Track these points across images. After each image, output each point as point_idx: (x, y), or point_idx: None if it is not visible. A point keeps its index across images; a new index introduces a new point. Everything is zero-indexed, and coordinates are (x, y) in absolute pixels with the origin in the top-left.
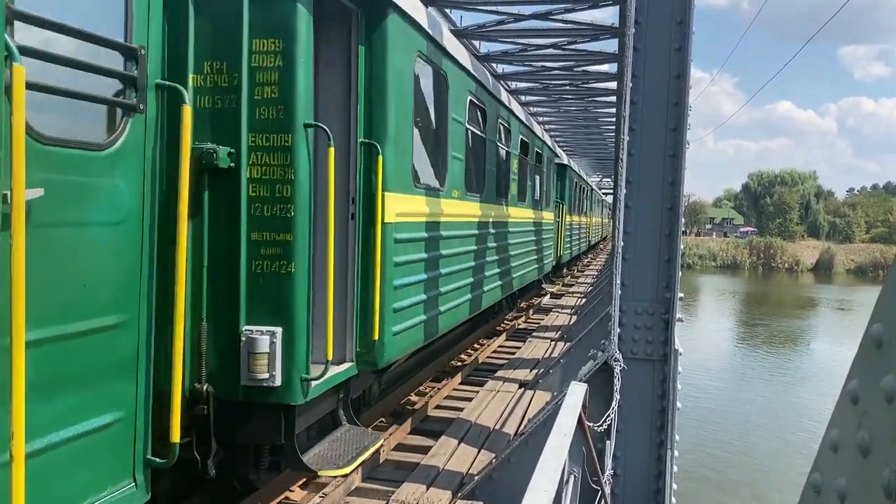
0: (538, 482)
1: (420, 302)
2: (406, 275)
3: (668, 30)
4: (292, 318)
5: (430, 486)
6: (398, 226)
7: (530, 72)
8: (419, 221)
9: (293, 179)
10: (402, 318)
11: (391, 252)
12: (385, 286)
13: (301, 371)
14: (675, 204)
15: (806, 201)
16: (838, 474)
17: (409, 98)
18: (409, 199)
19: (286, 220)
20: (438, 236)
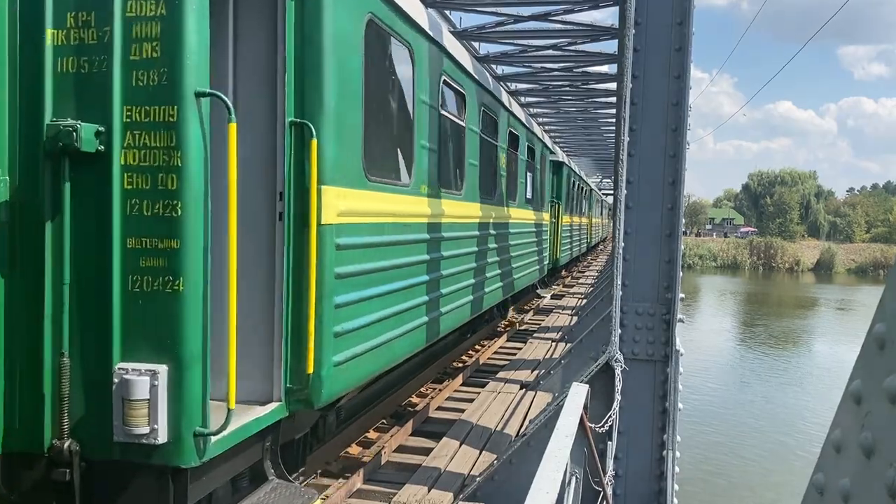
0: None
1: (374, 322)
2: (354, 289)
3: (668, 30)
4: (181, 352)
5: (431, 488)
6: (342, 228)
7: (530, 73)
8: (373, 223)
9: (180, 167)
10: (349, 343)
11: (332, 261)
12: (323, 304)
13: (194, 422)
14: (675, 204)
15: (806, 201)
16: (842, 475)
17: (357, 70)
18: (357, 194)
19: (172, 222)
20: (401, 241)
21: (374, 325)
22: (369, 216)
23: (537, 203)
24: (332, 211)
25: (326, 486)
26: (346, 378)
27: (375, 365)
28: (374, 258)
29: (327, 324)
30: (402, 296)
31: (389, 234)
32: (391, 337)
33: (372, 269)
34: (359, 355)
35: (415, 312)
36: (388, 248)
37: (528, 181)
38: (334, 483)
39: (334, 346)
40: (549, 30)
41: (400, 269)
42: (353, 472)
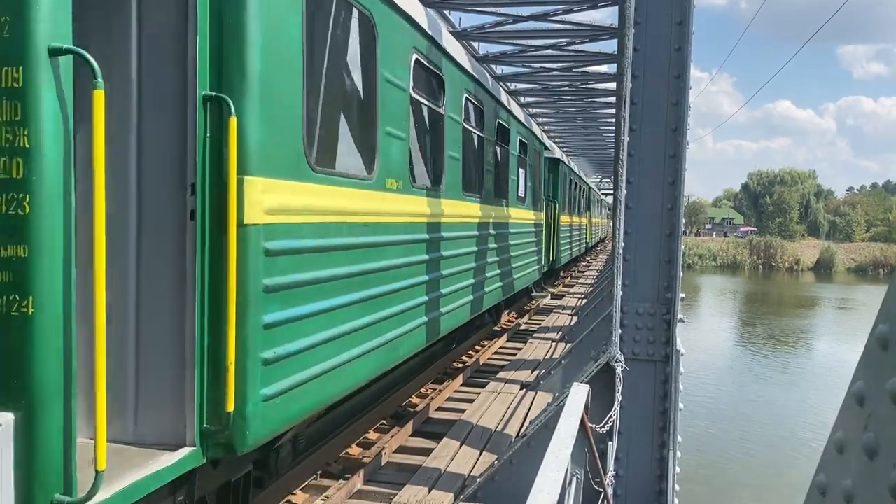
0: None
1: (322, 343)
2: (291, 304)
3: (668, 30)
4: (34, 397)
5: (431, 489)
6: (274, 229)
7: (529, 73)
8: (320, 223)
9: (29, 149)
10: (284, 371)
11: (258, 270)
12: (247, 324)
13: (52, 488)
14: (675, 204)
15: (806, 200)
16: (844, 476)
17: (296, 33)
18: (296, 188)
19: (16, 223)
20: (360, 245)
21: (321, 347)
22: (314, 214)
23: (532, 202)
24: (257, 208)
25: (327, 486)
26: (281, 415)
27: (323, 395)
28: (320, 265)
29: (253, 348)
30: (362, 309)
31: (344, 237)
32: (346, 360)
33: (318, 279)
34: (299, 385)
35: (378, 328)
36: (341, 252)
37: (520, 178)
38: (335, 484)
39: (263, 376)
40: (548, 30)
41: (359, 277)
42: (353, 473)
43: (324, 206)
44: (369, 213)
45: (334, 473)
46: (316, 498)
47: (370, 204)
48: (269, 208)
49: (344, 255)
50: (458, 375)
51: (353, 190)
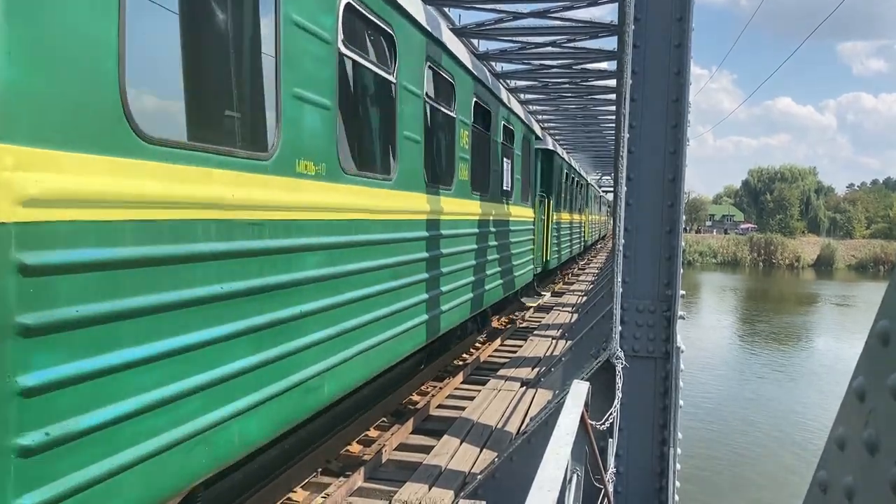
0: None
1: (149, 409)
2: (84, 351)
3: (668, 26)
4: None
5: (432, 486)
6: (44, 231)
7: (529, 70)
8: (156, 220)
9: None
10: (68, 461)
11: (5, 300)
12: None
13: None
14: (675, 201)
15: (806, 197)
16: (845, 472)
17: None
18: (100, 164)
19: None
20: (240, 252)
21: (146, 416)
22: (140, 207)
23: (519, 197)
24: (7, 194)
25: (327, 484)
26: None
27: (152, 490)
28: (146, 285)
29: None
30: (241, 346)
31: (212, 241)
32: (201, 428)
33: (140, 310)
34: (104, 480)
35: (271, 372)
36: (206, 265)
37: (504, 169)
38: (335, 481)
39: (19, 475)
40: (548, 26)
41: (236, 299)
42: (353, 471)
43: (161, 194)
44: (262, 207)
45: (335, 471)
46: (316, 495)
47: (263, 193)
48: (33, 196)
49: (210, 269)
50: (458, 373)
51: (229, 173)
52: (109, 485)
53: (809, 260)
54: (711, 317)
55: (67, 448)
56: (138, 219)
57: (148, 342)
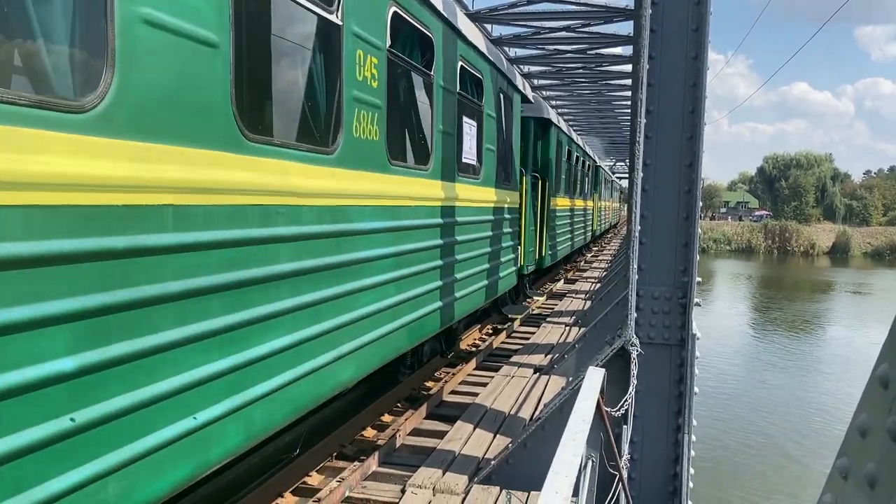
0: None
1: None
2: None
3: (685, 10)
4: None
5: (446, 471)
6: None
7: (543, 55)
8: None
9: None
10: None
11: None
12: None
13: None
14: (692, 187)
15: (822, 184)
16: (867, 459)
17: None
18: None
19: None
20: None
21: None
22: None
23: (492, 175)
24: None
25: (342, 468)
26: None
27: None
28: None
29: None
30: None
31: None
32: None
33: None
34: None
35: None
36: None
37: (465, 134)
38: (350, 465)
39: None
40: (562, 11)
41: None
42: (368, 455)
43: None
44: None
45: (349, 455)
46: (331, 480)
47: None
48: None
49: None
50: (471, 359)
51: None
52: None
53: (824, 247)
54: (724, 304)
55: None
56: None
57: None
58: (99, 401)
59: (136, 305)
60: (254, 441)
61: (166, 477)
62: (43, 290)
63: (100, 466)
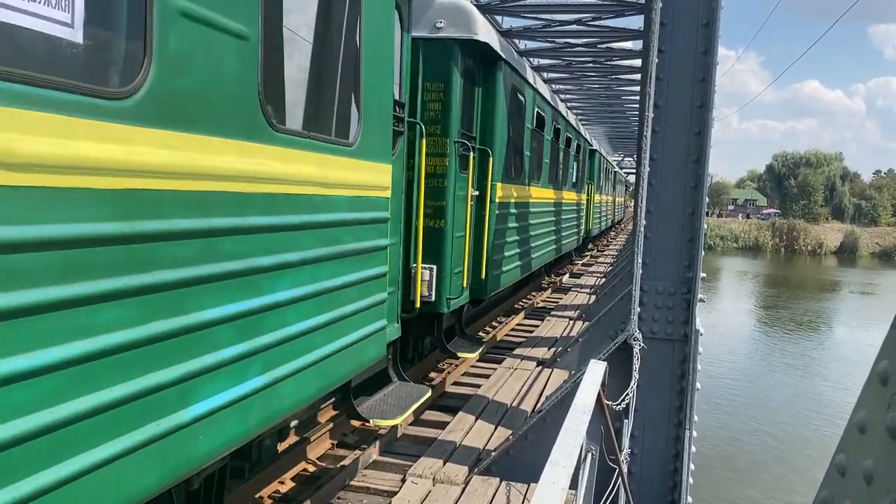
0: (556, 458)
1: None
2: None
3: (696, 5)
4: None
5: (447, 461)
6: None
7: (553, 48)
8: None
9: None
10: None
11: None
12: None
13: None
14: (699, 182)
15: (831, 183)
16: (865, 456)
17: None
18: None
19: None
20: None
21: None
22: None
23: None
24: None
25: (343, 456)
26: None
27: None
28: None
29: None
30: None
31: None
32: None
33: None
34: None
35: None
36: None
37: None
38: (350, 454)
39: None
40: (572, 4)
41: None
42: (369, 444)
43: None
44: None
45: (350, 444)
46: (332, 467)
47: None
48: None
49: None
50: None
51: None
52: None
53: (832, 246)
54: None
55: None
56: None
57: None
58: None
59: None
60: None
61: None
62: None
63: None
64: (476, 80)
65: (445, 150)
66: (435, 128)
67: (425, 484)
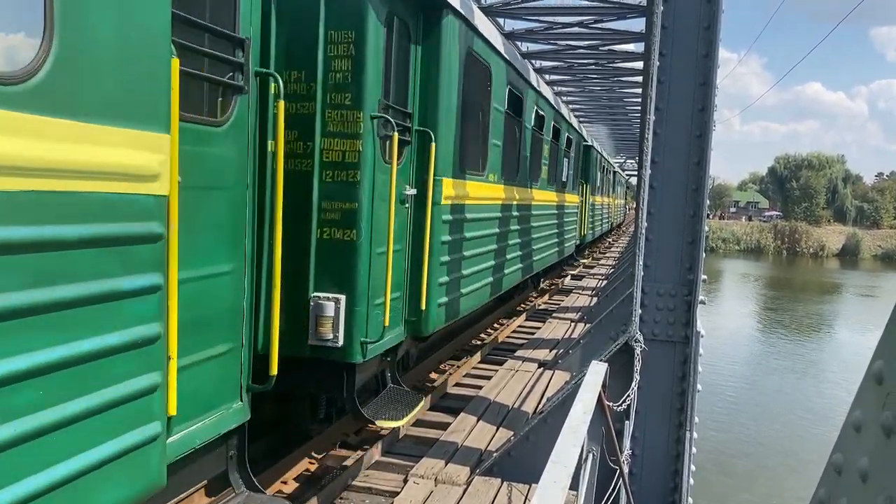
0: (557, 457)
1: None
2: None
3: (697, 8)
4: None
5: (448, 462)
6: None
7: (555, 50)
8: None
9: None
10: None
11: None
12: None
13: None
14: (700, 185)
15: (833, 185)
16: (861, 454)
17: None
18: None
19: None
20: None
21: None
22: None
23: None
24: None
25: (345, 457)
26: None
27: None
28: None
29: None
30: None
31: None
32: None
33: None
34: None
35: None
36: None
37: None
38: (353, 454)
39: None
40: (575, 6)
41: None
42: (371, 445)
43: None
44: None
45: (352, 445)
46: (334, 467)
47: None
48: None
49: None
50: (476, 352)
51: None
52: None
53: (834, 249)
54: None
55: None
56: None
57: None
58: None
59: None
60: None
61: None
62: None
63: None
64: (412, 35)
65: (358, 130)
66: (341, 96)
67: (427, 484)
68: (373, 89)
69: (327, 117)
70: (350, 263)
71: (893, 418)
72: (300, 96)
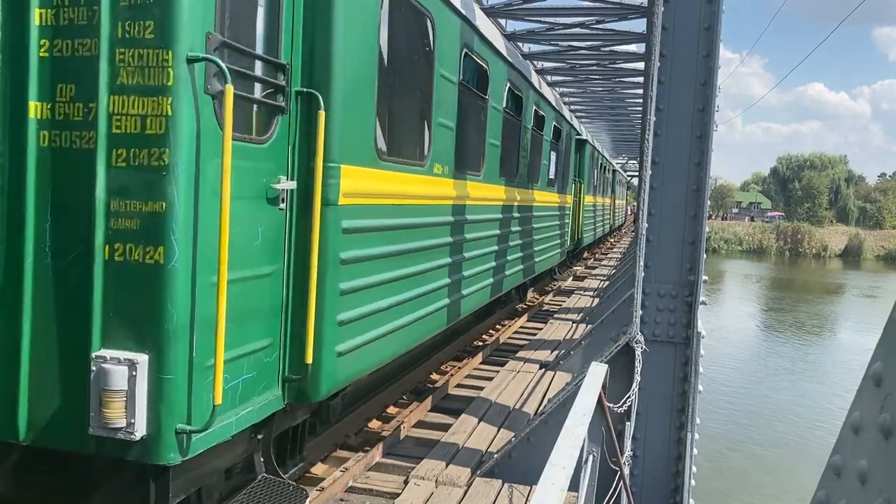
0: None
1: None
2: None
3: (698, 9)
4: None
5: (449, 463)
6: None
7: (557, 51)
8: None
9: None
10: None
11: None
12: None
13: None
14: (700, 186)
15: (835, 186)
16: (860, 456)
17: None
18: None
19: None
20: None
21: None
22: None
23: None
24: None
25: (346, 458)
26: None
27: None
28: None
29: None
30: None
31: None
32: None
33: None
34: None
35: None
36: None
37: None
38: (354, 456)
39: None
40: (576, 7)
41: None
42: (372, 446)
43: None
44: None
45: (354, 446)
46: (335, 469)
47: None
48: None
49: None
50: (477, 353)
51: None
52: None
53: (837, 250)
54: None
55: None
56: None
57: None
58: None
59: None
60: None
61: None
62: None
63: None
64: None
65: (166, 80)
66: (139, 26)
67: (428, 486)
68: (193, 13)
69: (118, 61)
70: (155, 301)
71: (892, 420)
72: (76, 28)
